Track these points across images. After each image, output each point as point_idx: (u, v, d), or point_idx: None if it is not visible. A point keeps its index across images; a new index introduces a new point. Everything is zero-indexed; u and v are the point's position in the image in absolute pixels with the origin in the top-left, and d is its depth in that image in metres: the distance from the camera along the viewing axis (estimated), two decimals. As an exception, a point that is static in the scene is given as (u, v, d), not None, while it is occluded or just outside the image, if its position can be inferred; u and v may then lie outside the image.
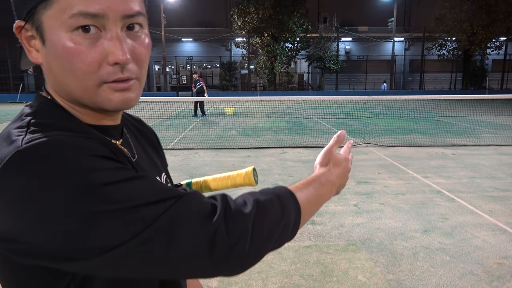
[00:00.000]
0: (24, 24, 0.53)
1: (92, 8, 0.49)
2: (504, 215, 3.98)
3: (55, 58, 0.52)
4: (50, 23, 0.50)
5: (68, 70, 0.52)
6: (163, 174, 0.75)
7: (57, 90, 0.57)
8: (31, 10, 0.51)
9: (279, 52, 29.56)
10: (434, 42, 32.79)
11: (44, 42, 0.52)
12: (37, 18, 0.51)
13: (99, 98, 0.54)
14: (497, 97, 8.94)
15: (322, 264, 2.96)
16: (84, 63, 0.51)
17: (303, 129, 10.94)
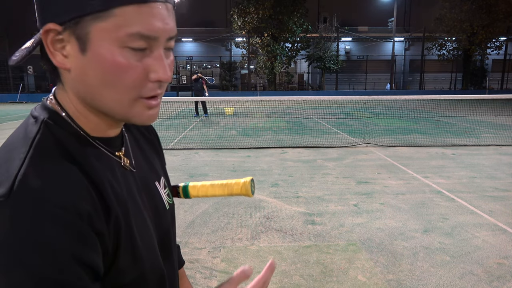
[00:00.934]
0: (58, 29, 0.51)
1: (150, 32, 0.51)
2: (504, 215, 3.98)
3: (98, 69, 0.52)
4: (101, 35, 0.50)
5: (110, 83, 0.52)
6: (161, 179, 0.75)
7: (81, 98, 0.56)
8: (77, 17, 0.50)
9: (279, 52, 29.55)
10: (434, 42, 32.78)
11: (85, 51, 0.51)
12: (83, 27, 0.50)
13: (131, 113, 0.55)
14: (497, 97, 8.94)
15: (322, 264, 2.96)
16: (131, 79, 0.52)
17: (303, 129, 10.94)
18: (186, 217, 3.91)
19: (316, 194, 4.68)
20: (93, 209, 0.51)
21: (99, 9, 0.49)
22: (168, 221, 0.73)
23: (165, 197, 0.73)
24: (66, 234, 0.47)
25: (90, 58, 0.51)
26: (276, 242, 3.35)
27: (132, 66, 0.52)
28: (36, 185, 0.48)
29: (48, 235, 0.46)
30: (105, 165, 0.58)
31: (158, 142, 0.83)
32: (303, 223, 3.76)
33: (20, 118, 14.88)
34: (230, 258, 3.06)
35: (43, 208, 0.46)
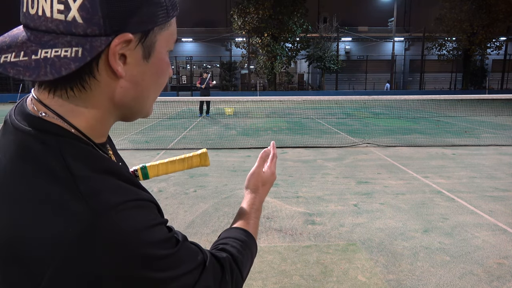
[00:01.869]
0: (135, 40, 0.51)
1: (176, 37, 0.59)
2: (504, 215, 3.98)
3: (155, 73, 0.56)
4: (162, 43, 0.55)
5: (160, 84, 0.59)
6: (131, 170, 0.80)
7: (123, 103, 0.55)
8: (153, 28, 0.52)
9: (279, 52, 29.55)
10: (434, 42, 32.78)
11: (149, 58, 0.54)
12: (152, 36, 0.53)
13: (151, 108, 0.61)
14: (497, 97, 8.94)
15: (322, 264, 2.96)
16: (167, 79, 0.60)
17: (303, 129, 10.94)
18: (186, 217, 3.91)
19: (316, 194, 4.68)
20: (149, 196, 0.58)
21: (167, 20, 0.54)
22: None
23: None
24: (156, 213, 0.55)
25: (152, 64, 0.55)
26: (276, 242, 3.35)
27: (170, 67, 0.60)
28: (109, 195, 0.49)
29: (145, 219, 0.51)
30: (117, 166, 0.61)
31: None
32: (303, 223, 3.76)
33: (20, 118, 14.86)
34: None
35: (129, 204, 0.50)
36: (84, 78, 0.50)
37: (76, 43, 0.47)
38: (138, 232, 0.49)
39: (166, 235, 0.54)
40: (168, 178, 5.46)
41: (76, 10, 0.45)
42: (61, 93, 0.50)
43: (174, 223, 3.75)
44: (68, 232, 0.45)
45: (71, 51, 0.46)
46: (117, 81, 0.52)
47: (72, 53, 0.46)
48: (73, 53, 0.46)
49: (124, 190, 0.51)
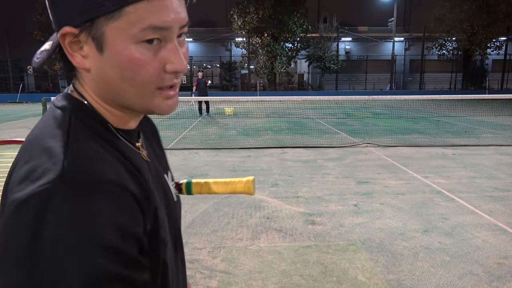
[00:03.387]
0: (77, 32, 0.52)
1: (163, 23, 0.51)
2: (504, 215, 3.98)
3: (116, 67, 0.53)
4: (115, 34, 0.51)
5: (129, 79, 0.54)
6: (168, 172, 0.77)
7: (103, 95, 0.58)
8: (92, 19, 0.51)
9: (279, 52, 29.55)
10: (434, 42, 32.78)
11: (102, 51, 0.52)
12: (97, 27, 0.51)
13: (152, 104, 0.57)
14: (497, 97, 8.94)
15: (322, 264, 2.96)
16: (148, 73, 0.53)
17: (303, 129, 10.94)
18: (186, 217, 3.91)
19: (316, 194, 4.68)
20: (138, 190, 0.54)
21: (112, 9, 0.50)
22: (177, 212, 0.75)
23: (173, 189, 0.74)
24: (124, 209, 0.50)
25: (108, 57, 0.53)
26: (276, 242, 3.35)
27: (148, 60, 0.53)
28: (87, 167, 0.49)
29: (107, 210, 0.48)
30: (130, 153, 0.60)
31: (158, 135, 0.84)
32: (303, 223, 3.76)
33: (20, 118, 14.88)
34: (230, 258, 3.06)
35: (101, 186, 0.49)
36: (72, 71, 0.59)
37: (52, 38, 0.56)
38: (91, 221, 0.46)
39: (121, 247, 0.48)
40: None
41: (49, 11, 0.54)
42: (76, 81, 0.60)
43: (174, 223, 3.75)
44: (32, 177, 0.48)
45: (48, 45, 0.56)
46: (88, 74, 0.56)
47: (48, 46, 0.56)
48: (49, 46, 0.56)
49: (105, 166, 0.51)
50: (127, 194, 0.51)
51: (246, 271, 2.85)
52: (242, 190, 0.76)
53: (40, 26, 28.04)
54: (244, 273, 2.83)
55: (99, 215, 0.47)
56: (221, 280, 2.72)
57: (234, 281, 2.72)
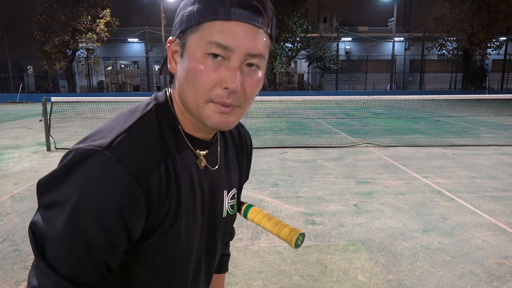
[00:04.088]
0: (174, 40, 0.67)
1: (225, 42, 0.61)
2: (504, 215, 3.98)
3: (185, 70, 0.64)
4: (192, 44, 0.63)
5: (190, 83, 0.64)
6: (233, 190, 0.84)
7: (178, 96, 0.69)
8: (183, 31, 0.64)
9: (279, 52, 29.56)
10: (434, 42, 32.78)
11: (183, 56, 0.64)
12: (184, 38, 0.64)
13: (203, 113, 0.65)
14: (497, 97, 8.94)
15: (322, 264, 2.96)
16: (203, 81, 0.62)
17: (303, 129, 10.94)
18: (186, 217, 3.91)
19: (316, 194, 4.68)
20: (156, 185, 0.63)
21: (195, 23, 0.62)
22: (220, 226, 0.82)
23: (227, 206, 0.82)
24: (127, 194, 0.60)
25: (184, 62, 0.64)
26: (276, 242, 3.35)
27: (207, 71, 0.62)
28: (124, 150, 0.61)
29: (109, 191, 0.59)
30: (184, 157, 0.70)
31: (246, 152, 0.91)
32: (303, 223, 3.76)
33: (20, 118, 14.88)
34: (230, 258, 3.06)
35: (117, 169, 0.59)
36: (171, 74, 0.72)
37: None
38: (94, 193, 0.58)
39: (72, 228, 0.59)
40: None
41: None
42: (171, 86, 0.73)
43: (174, 223, 3.75)
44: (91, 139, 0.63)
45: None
46: (175, 77, 0.69)
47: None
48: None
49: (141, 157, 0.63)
50: (138, 188, 0.61)
51: (246, 271, 2.85)
52: (285, 238, 0.79)
53: (40, 26, 28.02)
54: (244, 273, 2.83)
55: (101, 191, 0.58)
56: (221, 280, 2.72)
57: (234, 281, 2.72)
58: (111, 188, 0.58)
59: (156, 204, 0.64)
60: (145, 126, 0.66)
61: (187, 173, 0.70)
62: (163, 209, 0.65)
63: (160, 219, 0.65)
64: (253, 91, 0.66)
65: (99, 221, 0.58)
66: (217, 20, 0.60)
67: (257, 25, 0.62)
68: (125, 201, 0.59)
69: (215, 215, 0.78)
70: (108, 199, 0.58)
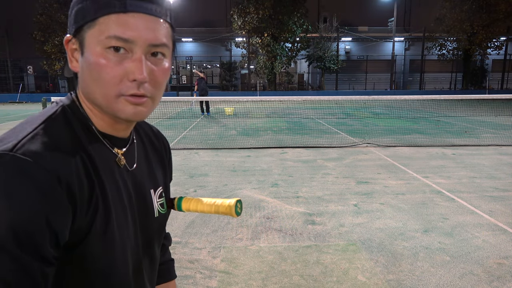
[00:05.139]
0: (71, 38, 0.65)
1: (125, 35, 0.60)
2: (504, 215, 3.98)
3: (88, 67, 0.62)
4: (90, 39, 0.62)
5: (95, 79, 0.62)
6: (159, 188, 0.82)
7: (85, 95, 0.67)
8: (79, 27, 0.63)
9: (279, 52, 29.55)
10: (434, 42, 32.77)
11: (83, 54, 0.63)
12: (82, 35, 0.63)
13: (115, 107, 0.64)
14: (497, 97, 8.94)
15: (322, 264, 2.96)
16: (109, 76, 0.61)
17: (303, 129, 10.94)
18: (186, 217, 3.91)
19: (316, 194, 4.68)
20: (77, 182, 0.59)
21: (90, 19, 0.61)
22: (154, 226, 0.79)
23: (157, 205, 0.80)
24: (47, 195, 0.55)
25: (84, 59, 0.63)
26: (276, 242, 3.35)
27: (111, 65, 0.61)
28: (34, 148, 0.57)
29: (31, 192, 0.54)
30: (101, 155, 0.67)
31: (166, 154, 0.89)
32: (303, 223, 3.76)
33: (20, 118, 14.88)
34: (230, 258, 3.06)
35: (35, 167, 0.55)
36: (75, 74, 0.69)
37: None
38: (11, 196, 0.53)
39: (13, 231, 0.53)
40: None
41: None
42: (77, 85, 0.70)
43: (174, 223, 3.75)
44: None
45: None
46: (78, 76, 0.67)
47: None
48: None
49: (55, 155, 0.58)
50: (57, 183, 0.56)
51: (246, 271, 2.85)
52: (224, 212, 0.81)
53: (40, 26, 28.01)
54: (244, 273, 2.83)
55: (18, 194, 0.53)
56: (221, 280, 2.72)
57: (234, 281, 2.72)
58: (25, 190, 0.53)
59: (80, 203, 0.59)
60: (54, 126, 0.62)
61: (108, 171, 0.66)
62: (89, 209, 0.61)
63: (89, 220, 0.61)
64: (162, 80, 0.66)
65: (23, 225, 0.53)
66: (112, 13, 0.60)
67: (156, 15, 0.62)
68: (47, 202, 0.55)
69: (146, 215, 0.75)
70: (26, 204, 0.53)
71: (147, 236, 0.76)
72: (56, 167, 0.57)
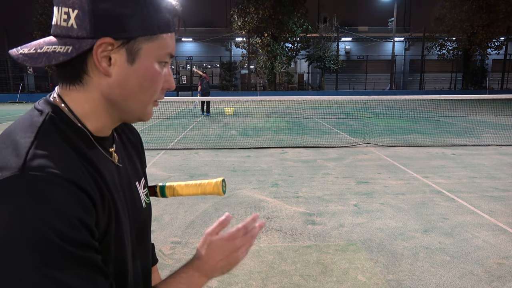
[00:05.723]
0: (117, 44, 0.61)
1: (173, 52, 0.68)
2: (504, 215, 3.98)
3: (140, 77, 0.64)
4: (148, 52, 0.63)
5: (146, 88, 0.66)
6: (142, 180, 0.84)
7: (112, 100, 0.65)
8: (135, 37, 0.62)
9: (279, 52, 29.55)
10: (434, 42, 32.77)
11: (133, 62, 0.63)
12: (136, 44, 0.62)
13: (146, 112, 0.69)
14: (497, 97, 8.95)
15: (322, 264, 2.96)
16: (159, 86, 0.68)
17: (303, 129, 10.94)
18: (186, 217, 3.91)
19: (316, 194, 4.68)
20: (93, 189, 0.59)
21: (153, 33, 0.63)
22: (145, 218, 0.81)
23: (143, 196, 0.82)
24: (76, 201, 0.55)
25: (136, 68, 0.63)
26: (276, 242, 3.35)
27: (161, 78, 0.67)
28: (46, 163, 0.55)
29: (62, 201, 0.53)
30: (100, 159, 0.67)
31: (141, 146, 0.91)
32: (303, 223, 3.76)
33: (20, 118, 14.88)
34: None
35: (56, 180, 0.54)
36: (79, 74, 0.63)
37: (69, 43, 0.59)
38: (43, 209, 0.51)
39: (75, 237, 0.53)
40: (168, 177, 5.46)
41: (73, 19, 0.59)
42: (68, 86, 0.64)
43: (174, 223, 3.75)
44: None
45: (64, 48, 0.59)
46: (106, 79, 0.63)
47: (64, 49, 0.59)
48: (65, 50, 0.59)
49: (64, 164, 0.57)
50: (80, 191, 0.56)
51: (246, 271, 2.85)
52: (211, 191, 0.82)
53: (40, 26, 28.04)
54: (244, 273, 2.83)
55: (49, 205, 0.52)
56: (221, 280, 2.72)
57: (234, 281, 2.72)
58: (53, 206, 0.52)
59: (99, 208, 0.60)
60: (49, 135, 0.59)
61: (107, 173, 0.67)
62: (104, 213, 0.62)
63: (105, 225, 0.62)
64: None
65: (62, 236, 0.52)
66: (169, 32, 0.66)
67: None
68: (79, 206, 0.55)
69: (136, 208, 0.77)
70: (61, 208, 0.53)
71: (138, 228, 0.77)
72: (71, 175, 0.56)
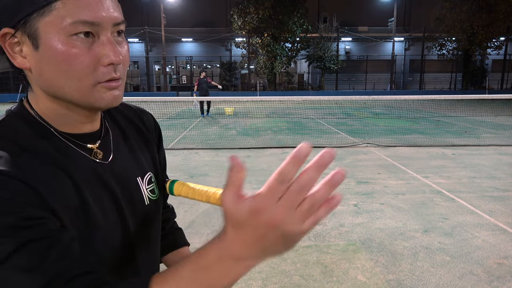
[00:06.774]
0: (14, 32, 0.55)
1: (90, 17, 0.54)
2: (504, 215, 3.98)
3: (51, 61, 0.55)
4: (48, 29, 0.54)
5: (65, 72, 0.56)
6: (147, 174, 0.77)
7: (49, 93, 0.60)
8: (25, 17, 0.54)
9: (279, 52, 29.54)
10: (434, 42, 32.78)
11: (38, 47, 0.55)
12: (32, 25, 0.54)
13: (93, 97, 0.59)
14: (497, 97, 8.95)
15: (322, 264, 2.96)
16: (83, 65, 0.56)
17: (303, 129, 10.94)
18: (186, 217, 3.91)
19: (316, 194, 4.67)
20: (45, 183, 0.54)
21: (42, 5, 0.53)
22: (147, 213, 0.75)
23: (146, 192, 0.76)
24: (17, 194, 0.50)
25: (43, 53, 0.55)
26: (276, 242, 3.35)
27: (82, 53, 0.55)
28: None
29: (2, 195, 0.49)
30: (64, 155, 0.61)
31: (157, 135, 0.86)
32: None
33: (20, 118, 14.87)
34: (230, 258, 3.06)
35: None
36: (21, 75, 0.61)
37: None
38: None
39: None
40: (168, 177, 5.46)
41: None
42: (28, 87, 0.63)
43: (174, 223, 3.75)
44: None
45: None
46: (30, 72, 0.59)
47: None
48: None
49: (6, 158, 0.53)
50: (19, 184, 0.51)
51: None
52: (215, 203, 0.80)
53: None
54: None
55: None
56: (221, 280, 2.72)
57: (234, 281, 2.72)
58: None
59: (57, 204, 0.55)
60: (4, 134, 0.57)
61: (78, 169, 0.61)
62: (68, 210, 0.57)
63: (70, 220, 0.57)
64: (128, 59, 0.63)
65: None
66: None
67: None
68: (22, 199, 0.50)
69: (134, 204, 0.71)
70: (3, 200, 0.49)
71: (138, 223, 0.72)
72: (9, 169, 0.51)
